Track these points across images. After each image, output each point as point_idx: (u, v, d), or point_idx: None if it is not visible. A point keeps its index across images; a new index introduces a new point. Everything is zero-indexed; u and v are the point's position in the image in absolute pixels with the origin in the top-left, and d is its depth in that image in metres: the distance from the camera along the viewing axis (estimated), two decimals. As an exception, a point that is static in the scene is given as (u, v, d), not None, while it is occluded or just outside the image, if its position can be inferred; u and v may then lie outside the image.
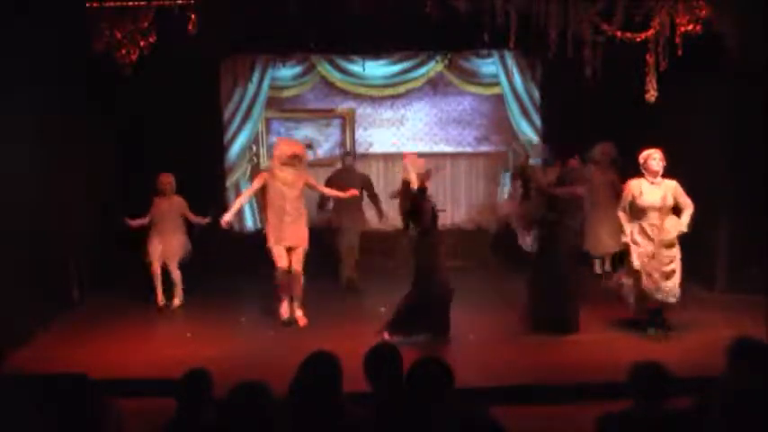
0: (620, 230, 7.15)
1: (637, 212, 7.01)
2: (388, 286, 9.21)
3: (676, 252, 7.01)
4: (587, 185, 8.47)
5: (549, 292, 7.23)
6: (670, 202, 6.95)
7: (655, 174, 6.93)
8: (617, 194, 8.46)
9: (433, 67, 10.46)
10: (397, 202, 8.17)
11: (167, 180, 8.67)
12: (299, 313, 7.85)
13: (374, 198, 9.45)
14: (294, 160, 7.74)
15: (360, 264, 9.58)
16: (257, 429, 3.41)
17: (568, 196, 7.61)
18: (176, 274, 8.68)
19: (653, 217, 6.93)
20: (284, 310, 7.90)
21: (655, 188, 6.94)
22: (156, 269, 8.65)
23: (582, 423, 4.05)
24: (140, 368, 6.56)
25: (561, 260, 7.29)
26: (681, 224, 6.96)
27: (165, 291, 8.66)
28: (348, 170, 9.43)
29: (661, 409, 3.64)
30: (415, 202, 7.14)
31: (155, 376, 6.11)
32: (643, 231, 6.96)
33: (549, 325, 7.20)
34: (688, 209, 6.97)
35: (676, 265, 7.01)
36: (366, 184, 9.43)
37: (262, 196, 8.01)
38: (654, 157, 6.93)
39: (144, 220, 8.57)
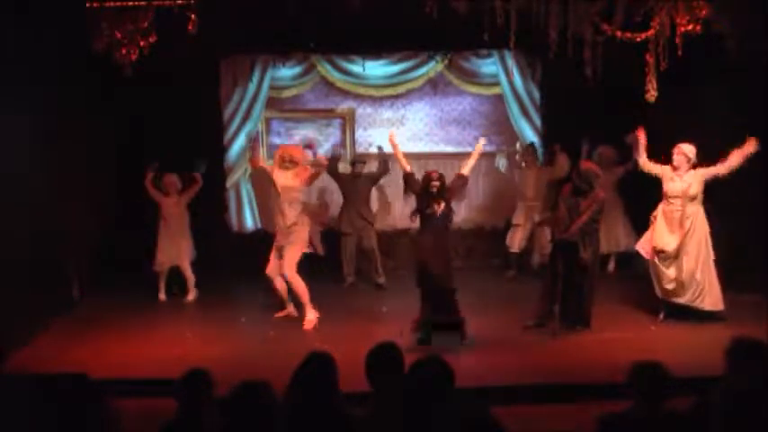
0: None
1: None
2: (388, 286, 9.24)
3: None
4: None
5: (576, 289, 7.34)
6: (693, 191, 7.33)
7: (674, 167, 7.42)
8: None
9: (433, 67, 10.45)
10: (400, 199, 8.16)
11: (170, 181, 8.80)
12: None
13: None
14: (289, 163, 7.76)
15: (360, 266, 9.62)
16: (258, 429, 3.41)
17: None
18: (189, 273, 8.87)
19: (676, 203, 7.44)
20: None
21: (678, 179, 7.40)
22: (164, 271, 8.81)
23: (582, 423, 4.05)
24: (140, 368, 6.56)
25: (594, 261, 7.48)
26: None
27: (177, 286, 8.87)
28: (355, 177, 9.55)
29: (661, 410, 3.64)
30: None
31: (155, 376, 6.11)
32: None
33: (570, 320, 7.37)
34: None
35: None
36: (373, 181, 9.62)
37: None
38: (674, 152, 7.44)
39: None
